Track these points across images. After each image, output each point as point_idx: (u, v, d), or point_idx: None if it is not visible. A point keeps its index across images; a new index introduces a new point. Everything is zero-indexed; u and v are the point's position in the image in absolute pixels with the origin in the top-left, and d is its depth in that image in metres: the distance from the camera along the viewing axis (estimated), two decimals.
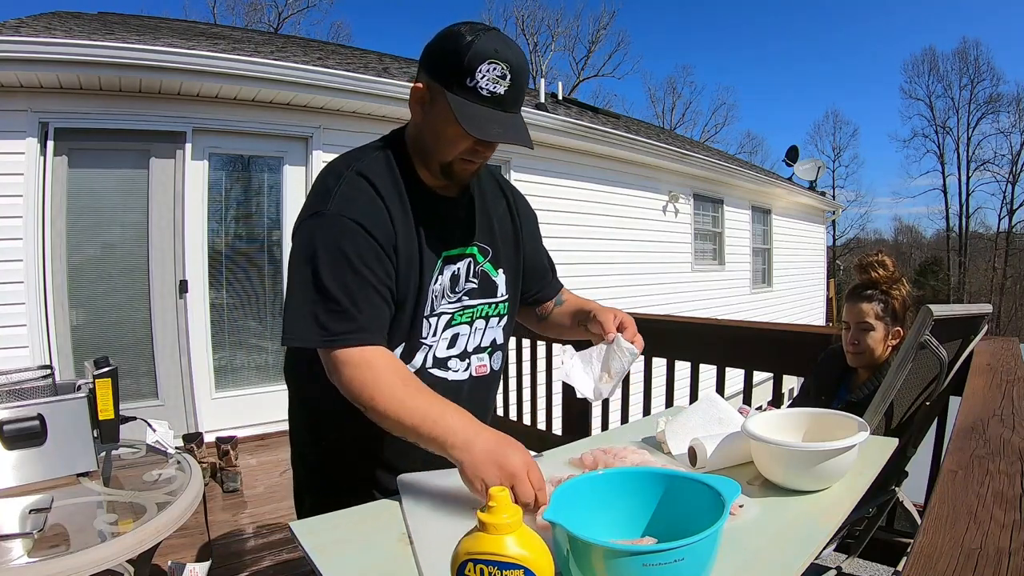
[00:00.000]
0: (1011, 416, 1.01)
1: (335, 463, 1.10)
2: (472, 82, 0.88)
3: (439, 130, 0.94)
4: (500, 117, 0.90)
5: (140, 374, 3.83)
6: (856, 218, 29.75)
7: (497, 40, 0.89)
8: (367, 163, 0.98)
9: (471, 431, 0.85)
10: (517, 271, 1.15)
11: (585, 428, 2.83)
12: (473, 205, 1.09)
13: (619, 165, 6.73)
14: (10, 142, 3.37)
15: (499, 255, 1.10)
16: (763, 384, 2.68)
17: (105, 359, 1.51)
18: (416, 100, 0.96)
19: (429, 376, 1.03)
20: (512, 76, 0.89)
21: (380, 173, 0.97)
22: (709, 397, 1.12)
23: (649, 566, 0.54)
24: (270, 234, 4.33)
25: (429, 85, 0.93)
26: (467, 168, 0.98)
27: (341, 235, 0.91)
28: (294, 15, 23.53)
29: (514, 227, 1.16)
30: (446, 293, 1.03)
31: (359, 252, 0.91)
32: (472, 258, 1.06)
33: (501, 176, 1.21)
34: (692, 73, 60.01)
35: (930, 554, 0.54)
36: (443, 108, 0.91)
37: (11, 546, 1.13)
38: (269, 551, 2.46)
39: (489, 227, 1.10)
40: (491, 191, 1.14)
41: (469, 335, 1.07)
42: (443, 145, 0.95)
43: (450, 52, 0.89)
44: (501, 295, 1.11)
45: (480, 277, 1.07)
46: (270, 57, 4.21)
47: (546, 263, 1.26)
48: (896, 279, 1.60)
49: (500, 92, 0.89)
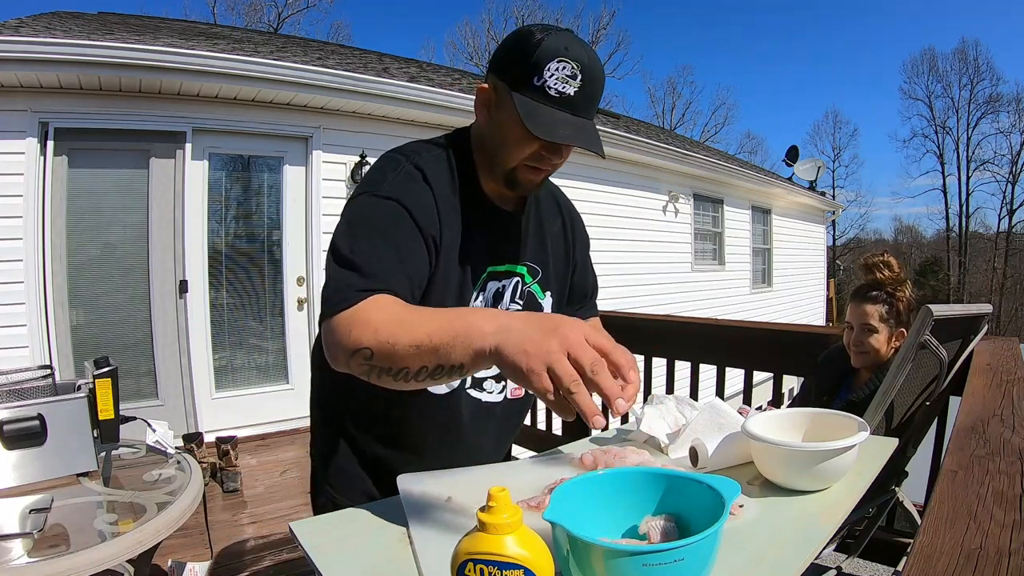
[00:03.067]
0: (1011, 416, 1.01)
1: (354, 459, 1.06)
2: (540, 81, 0.83)
3: (505, 132, 0.89)
4: (569, 120, 0.85)
5: (140, 374, 3.83)
6: (856, 218, 29.80)
7: (568, 39, 0.85)
8: (427, 159, 0.93)
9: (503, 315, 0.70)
10: (563, 295, 1.11)
11: (585, 428, 2.83)
12: (529, 222, 1.03)
13: (619, 165, 6.73)
14: (10, 142, 3.37)
15: (548, 277, 1.06)
16: (763, 384, 2.68)
17: (105, 359, 1.51)
18: (482, 102, 0.92)
19: (465, 396, 1.00)
20: (583, 77, 0.84)
21: (438, 172, 0.93)
22: (712, 404, 1.12)
23: (649, 566, 0.54)
24: (270, 234, 4.34)
25: (495, 85, 0.89)
26: (533, 178, 0.93)
27: (385, 213, 0.87)
28: (294, 15, 23.54)
29: (567, 249, 1.11)
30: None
31: (401, 230, 0.86)
32: (520, 278, 1.02)
33: (561, 194, 1.16)
34: (692, 73, 60.00)
35: (930, 554, 0.54)
36: (509, 108, 0.86)
37: (11, 546, 1.13)
38: (269, 551, 2.46)
39: (542, 247, 1.05)
40: (548, 208, 1.09)
41: None
42: (508, 149, 0.90)
43: (518, 50, 0.85)
44: None
45: (526, 298, 1.03)
46: (270, 57, 4.21)
47: (589, 288, 1.20)
48: (901, 280, 1.60)
49: (569, 93, 0.84)
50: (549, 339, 0.62)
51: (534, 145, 0.88)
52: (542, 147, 0.88)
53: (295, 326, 4.39)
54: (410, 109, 4.57)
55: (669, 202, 7.55)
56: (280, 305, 4.35)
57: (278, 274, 4.34)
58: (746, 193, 9.04)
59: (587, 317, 1.21)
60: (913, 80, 27.08)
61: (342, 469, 1.06)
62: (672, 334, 2.49)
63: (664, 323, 2.64)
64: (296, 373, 4.38)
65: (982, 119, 25.29)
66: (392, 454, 1.03)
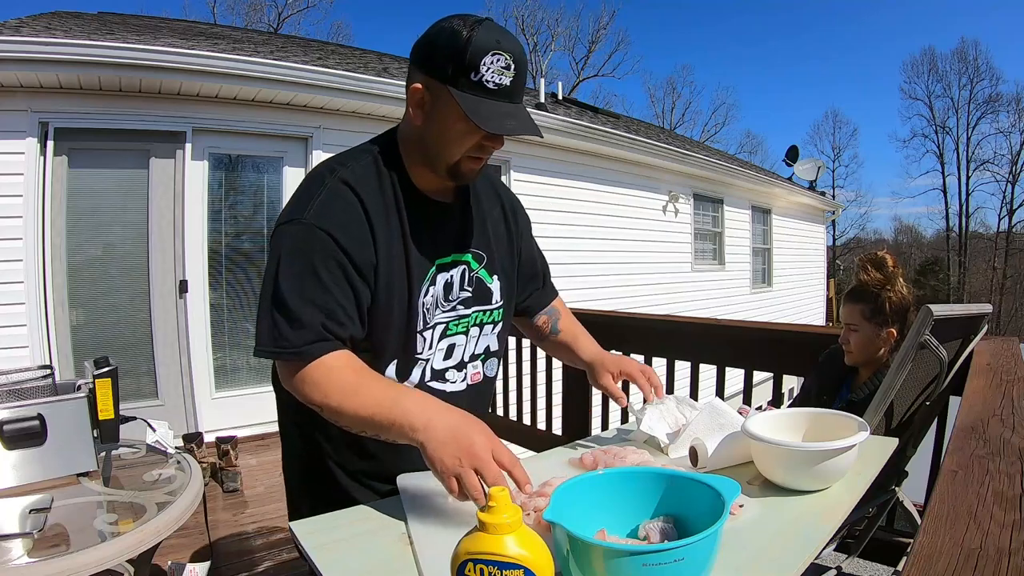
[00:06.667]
0: (1011, 416, 1.01)
1: (328, 472, 1.06)
2: (477, 76, 0.85)
3: (445, 129, 0.90)
4: (509, 109, 0.88)
5: (140, 374, 3.83)
6: (856, 218, 29.80)
7: (495, 31, 0.86)
8: (353, 169, 0.94)
9: (430, 411, 0.81)
10: (512, 277, 1.13)
11: (585, 428, 2.83)
12: (468, 210, 1.05)
13: (619, 165, 6.73)
14: (10, 142, 3.37)
15: (494, 261, 1.07)
16: (763, 384, 2.68)
17: (105, 359, 1.51)
18: (415, 103, 0.92)
19: (428, 389, 1.01)
20: (515, 66, 0.87)
21: (366, 181, 0.93)
22: (711, 404, 1.12)
23: (649, 566, 0.54)
24: (270, 234, 4.33)
25: (428, 84, 0.89)
26: (474, 166, 0.95)
27: (311, 246, 0.87)
28: (294, 15, 23.54)
29: (508, 231, 1.13)
30: (439, 303, 0.99)
31: (328, 266, 0.87)
32: (467, 265, 1.03)
33: (496, 178, 1.19)
34: (692, 73, 60.08)
35: (930, 554, 0.54)
36: (448, 106, 0.87)
37: (11, 546, 1.13)
38: (269, 551, 2.46)
39: (484, 232, 1.06)
40: (486, 194, 1.11)
41: (465, 344, 1.05)
42: (450, 144, 0.91)
43: (448, 48, 0.85)
44: (496, 302, 1.08)
45: (475, 284, 1.04)
46: (270, 57, 4.21)
47: (539, 268, 1.23)
48: (891, 279, 1.59)
49: (506, 83, 0.86)
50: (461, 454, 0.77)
51: (476, 137, 0.90)
52: (484, 137, 0.91)
53: None
54: None
55: (669, 202, 7.55)
56: None
57: None
58: (746, 193, 9.04)
59: (549, 301, 1.25)
60: (913, 80, 27.10)
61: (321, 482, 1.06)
62: (672, 334, 2.49)
63: (664, 323, 2.64)
64: None
65: (982, 119, 25.31)
66: (371, 458, 1.02)
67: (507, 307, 1.11)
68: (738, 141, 37.10)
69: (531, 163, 5.67)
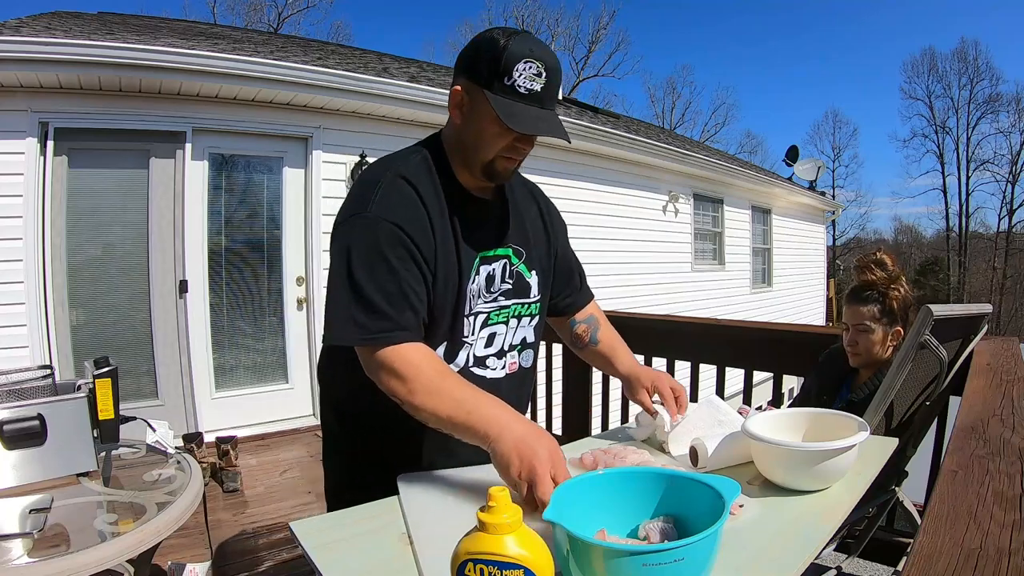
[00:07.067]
0: (1011, 416, 1.01)
1: (368, 462, 1.11)
2: (510, 81, 0.92)
3: (480, 129, 0.98)
4: (539, 113, 0.95)
5: (140, 374, 3.83)
6: (856, 218, 29.76)
7: (530, 41, 0.94)
8: (407, 166, 1.01)
9: (504, 420, 0.87)
10: (548, 274, 1.19)
11: (585, 428, 2.83)
12: (507, 207, 1.13)
13: (619, 165, 6.73)
14: (10, 142, 3.37)
15: (532, 257, 1.14)
16: (763, 384, 2.68)
17: (105, 359, 1.51)
18: (455, 104, 1.00)
19: (470, 375, 1.06)
20: (547, 74, 0.94)
21: (420, 176, 1.01)
22: (710, 400, 1.12)
23: (649, 566, 0.54)
24: (270, 234, 4.33)
25: (467, 88, 0.98)
26: (508, 165, 1.02)
27: (379, 237, 0.95)
28: (294, 15, 23.51)
29: (545, 230, 1.20)
30: (482, 293, 1.06)
31: (397, 254, 0.95)
32: (507, 259, 1.10)
33: (534, 185, 1.26)
34: (692, 73, 59.99)
35: (930, 554, 0.54)
36: (483, 108, 0.95)
37: (11, 546, 1.13)
38: (269, 551, 2.46)
39: (522, 229, 1.14)
40: (522, 196, 1.18)
41: (504, 334, 1.11)
42: (485, 144, 0.99)
43: (487, 55, 0.94)
44: (534, 296, 1.15)
45: (515, 278, 1.11)
46: (270, 57, 4.20)
47: (575, 270, 1.29)
48: (894, 278, 1.60)
49: (537, 89, 0.94)
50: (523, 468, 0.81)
51: (509, 137, 0.97)
52: (516, 139, 0.98)
53: (295, 326, 4.39)
54: (410, 109, 4.57)
55: (669, 202, 7.54)
56: (280, 305, 4.35)
57: (278, 274, 4.34)
58: (746, 193, 9.04)
59: (586, 302, 1.32)
60: (913, 80, 27.06)
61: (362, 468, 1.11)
62: (672, 334, 2.49)
63: (664, 323, 2.64)
64: (296, 373, 4.38)
65: (982, 119, 25.27)
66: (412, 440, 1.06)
67: (543, 302, 1.18)
68: (738, 141, 37.07)
69: (531, 163, 5.61)
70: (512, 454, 0.82)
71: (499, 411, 0.88)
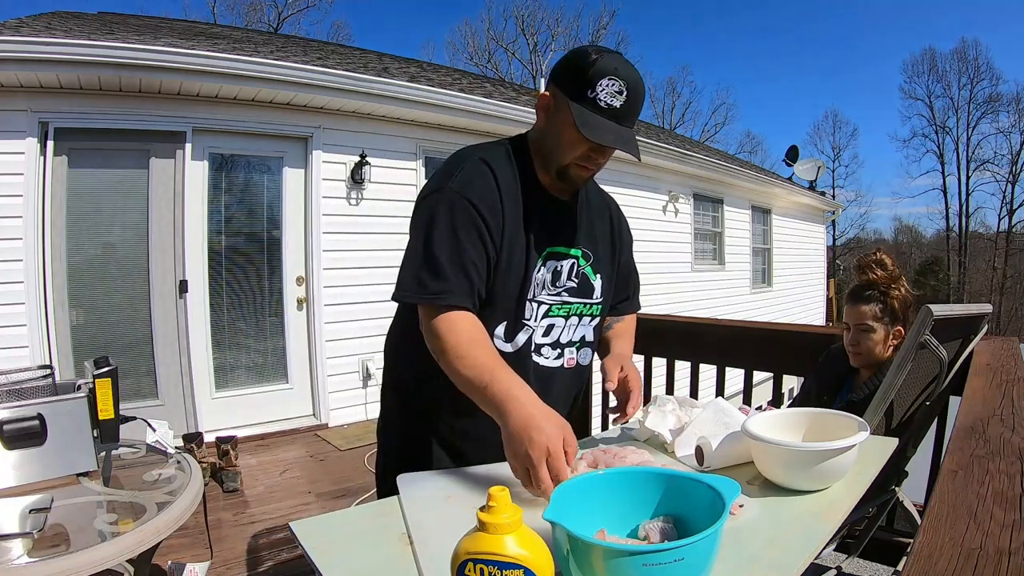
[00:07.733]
0: (1011, 416, 1.01)
1: (422, 440, 1.16)
2: (592, 94, 0.99)
3: (559, 133, 1.04)
4: (614, 127, 1.00)
5: (140, 374, 3.83)
6: (856, 218, 29.73)
7: (618, 60, 1.00)
8: (491, 153, 1.10)
9: (521, 398, 0.90)
10: (611, 279, 1.24)
11: (585, 428, 2.83)
12: (581, 211, 1.18)
13: (619, 165, 6.72)
14: (10, 142, 3.37)
15: (599, 262, 1.20)
16: (763, 384, 2.68)
17: (105, 359, 1.51)
18: (542, 107, 1.07)
19: (528, 359, 1.12)
20: (628, 93, 1.00)
21: (501, 164, 1.08)
22: (716, 403, 1.12)
23: (649, 566, 0.54)
24: (270, 234, 4.33)
25: (555, 94, 1.05)
26: (581, 173, 1.08)
27: (454, 210, 1.02)
28: (294, 15, 23.49)
29: (612, 239, 1.26)
30: (547, 285, 1.12)
31: (466, 227, 1.02)
32: (575, 260, 1.15)
33: (611, 198, 1.31)
34: (692, 73, 59.90)
35: (930, 554, 0.54)
36: (565, 115, 1.02)
37: (11, 546, 1.13)
38: (269, 551, 2.46)
39: (592, 234, 1.20)
40: (597, 205, 1.24)
41: (563, 328, 1.16)
42: (562, 148, 1.05)
43: (575, 67, 1.01)
44: (597, 297, 1.20)
45: (580, 278, 1.16)
46: (270, 57, 4.20)
47: (632, 281, 1.34)
48: (895, 278, 1.60)
49: (616, 105, 0.99)
50: (534, 448, 0.84)
51: (584, 146, 1.03)
52: (590, 148, 1.04)
53: (295, 326, 4.39)
54: (410, 109, 4.57)
55: (669, 202, 7.54)
56: (280, 305, 4.35)
57: (278, 274, 4.34)
58: (746, 193, 9.04)
59: (630, 311, 1.36)
60: (913, 80, 27.02)
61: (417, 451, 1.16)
62: (672, 334, 2.49)
63: (664, 323, 2.63)
64: (296, 373, 4.38)
65: (982, 119, 25.24)
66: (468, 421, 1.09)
67: (605, 305, 1.23)
68: (738, 141, 37.01)
69: None
70: (521, 432, 0.85)
71: (517, 389, 0.91)
